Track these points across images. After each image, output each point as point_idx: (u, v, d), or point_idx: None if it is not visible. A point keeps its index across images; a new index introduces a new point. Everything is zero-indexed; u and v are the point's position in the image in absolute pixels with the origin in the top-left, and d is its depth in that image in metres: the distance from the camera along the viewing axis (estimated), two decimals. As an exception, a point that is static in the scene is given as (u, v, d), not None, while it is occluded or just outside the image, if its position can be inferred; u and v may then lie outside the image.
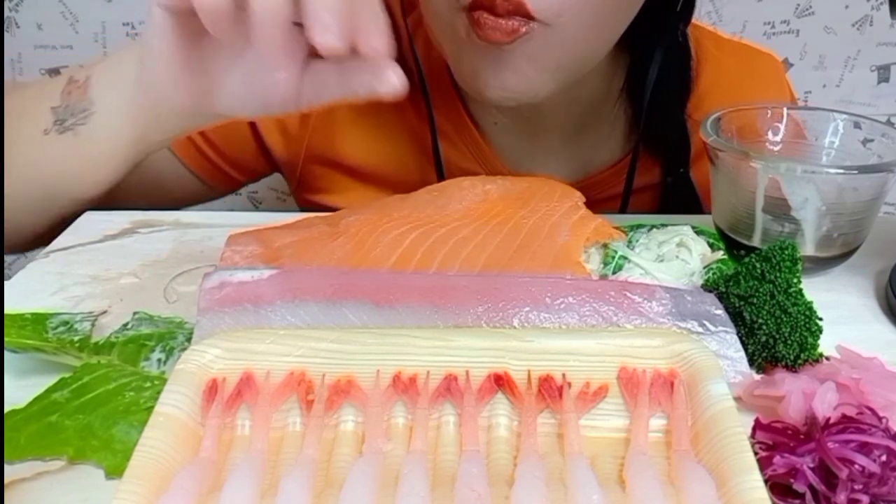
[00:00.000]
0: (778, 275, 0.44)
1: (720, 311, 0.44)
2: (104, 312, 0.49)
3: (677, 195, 0.72)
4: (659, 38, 0.67)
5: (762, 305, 0.44)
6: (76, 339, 0.45)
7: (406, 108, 0.72)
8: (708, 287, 0.48)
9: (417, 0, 0.69)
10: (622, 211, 0.72)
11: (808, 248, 0.52)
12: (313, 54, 0.49)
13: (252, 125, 0.73)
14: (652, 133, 0.71)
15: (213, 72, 0.50)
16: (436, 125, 0.70)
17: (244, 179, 0.79)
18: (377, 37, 0.45)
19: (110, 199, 0.63)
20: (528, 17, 0.54)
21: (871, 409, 0.38)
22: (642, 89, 0.69)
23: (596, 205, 0.56)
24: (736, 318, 0.44)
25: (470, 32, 0.56)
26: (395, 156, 0.73)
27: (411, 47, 0.70)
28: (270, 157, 0.76)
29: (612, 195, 0.73)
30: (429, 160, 0.72)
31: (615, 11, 0.58)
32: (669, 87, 0.69)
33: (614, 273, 0.49)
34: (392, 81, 0.46)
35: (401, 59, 0.72)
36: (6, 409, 0.40)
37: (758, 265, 0.45)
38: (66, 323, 0.46)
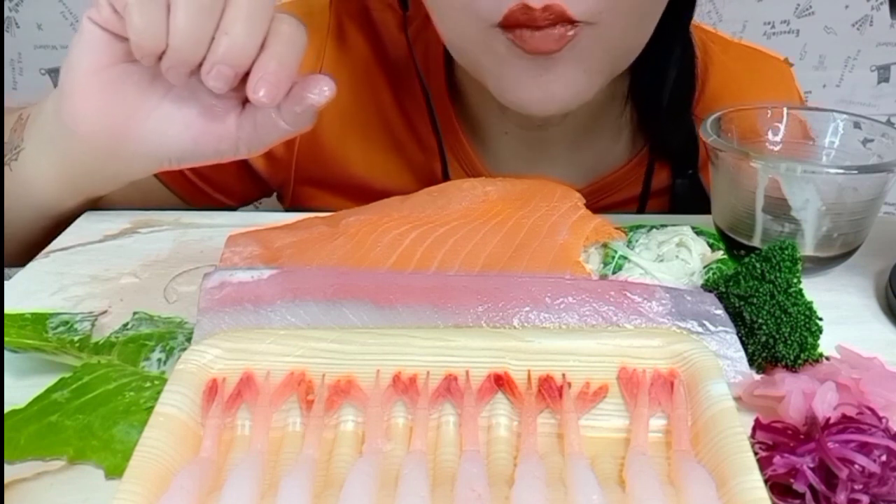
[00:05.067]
0: (778, 275, 0.44)
1: (720, 311, 0.44)
2: (104, 312, 0.49)
3: (687, 198, 0.71)
4: (663, 39, 0.66)
5: (762, 305, 0.44)
6: (76, 339, 0.45)
7: (397, 125, 0.71)
8: (708, 287, 0.48)
9: (416, 14, 0.68)
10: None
11: (808, 248, 0.52)
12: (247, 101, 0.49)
13: None
14: (660, 136, 0.70)
15: (137, 105, 0.50)
16: (442, 139, 0.69)
17: (236, 204, 0.77)
18: (316, 84, 0.46)
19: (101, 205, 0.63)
20: (570, 21, 0.52)
21: (871, 409, 0.38)
22: (647, 92, 0.69)
23: (606, 210, 0.56)
24: (736, 318, 0.44)
25: (510, 47, 0.54)
26: (387, 173, 0.72)
27: (413, 62, 0.69)
28: (259, 180, 0.74)
29: (619, 200, 0.72)
30: (419, 175, 0.71)
31: (653, 1, 0.57)
32: (675, 89, 0.69)
33: (614, 273, 0.49)
34: (330, 87, 0.47)
35: (401, 75, 0.72)
36: (6, 409, 0.40)
37: (758, 265, 0.45)
38: (66, 323, 0.46)
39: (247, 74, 0.46)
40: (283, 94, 0.46)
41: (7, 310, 0.47)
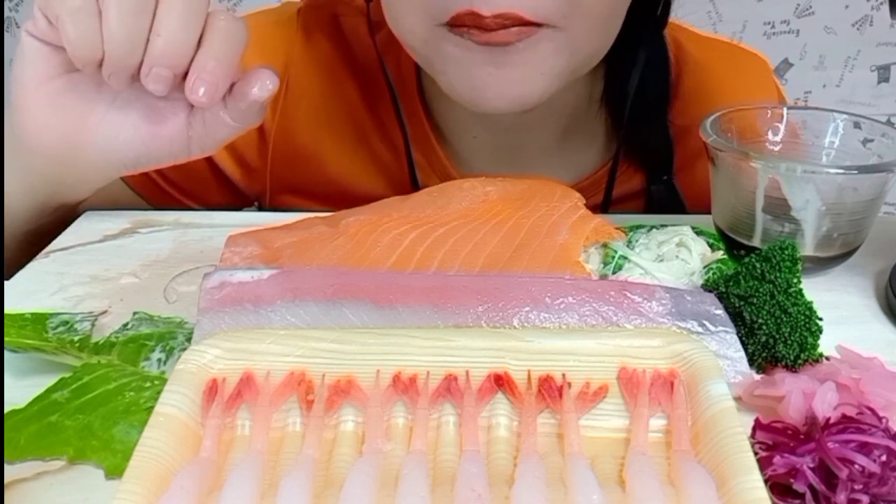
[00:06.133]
0: (778, 275, 0.44)
1: (720, 311, 0.44)
2: (104, 312, 0.49)
3: (662, 203, 0.70)
4: (636, 43, 0.65)
5: (762, 305, 0.44)
6: (76, 339, 0.45)
7: (370, 131, 0.71)
8: (708, 287, 0.48)
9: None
10: None
11: (808, 248, 0.52)
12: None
13: (208, 159, 0.69)
14: (633, 140, 0.69)
15: (85, 114, 0.49)
16: (410, 145, 0.69)
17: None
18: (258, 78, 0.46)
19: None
20: (527, 24, 0.51)
21: (871, 409, 0.38)
22: (621, 97, 0.67)
23: None
24: (736, 318, 0.44)
25: (459, 42, 0.53)
26: (363, 177, 0.71)
27: (382, 67, 0.69)
28: (238, 191, 0.73)
29: (593, 205, 0.72)
30: (392, 179, 0.71)
31: (617, 3, 0.56)
32: (649, 93, 0.67)
33: (614, 273, 0.49)
34: (273, 81, 0.46)
35: (371, 80, 0.71)
36: (6, 409, 0.40)
37: (758, 265, 0.45)
38: (66, 323, 0.46)
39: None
40: (222, 92, 0.45)
41: (7, 310, 0.47)
